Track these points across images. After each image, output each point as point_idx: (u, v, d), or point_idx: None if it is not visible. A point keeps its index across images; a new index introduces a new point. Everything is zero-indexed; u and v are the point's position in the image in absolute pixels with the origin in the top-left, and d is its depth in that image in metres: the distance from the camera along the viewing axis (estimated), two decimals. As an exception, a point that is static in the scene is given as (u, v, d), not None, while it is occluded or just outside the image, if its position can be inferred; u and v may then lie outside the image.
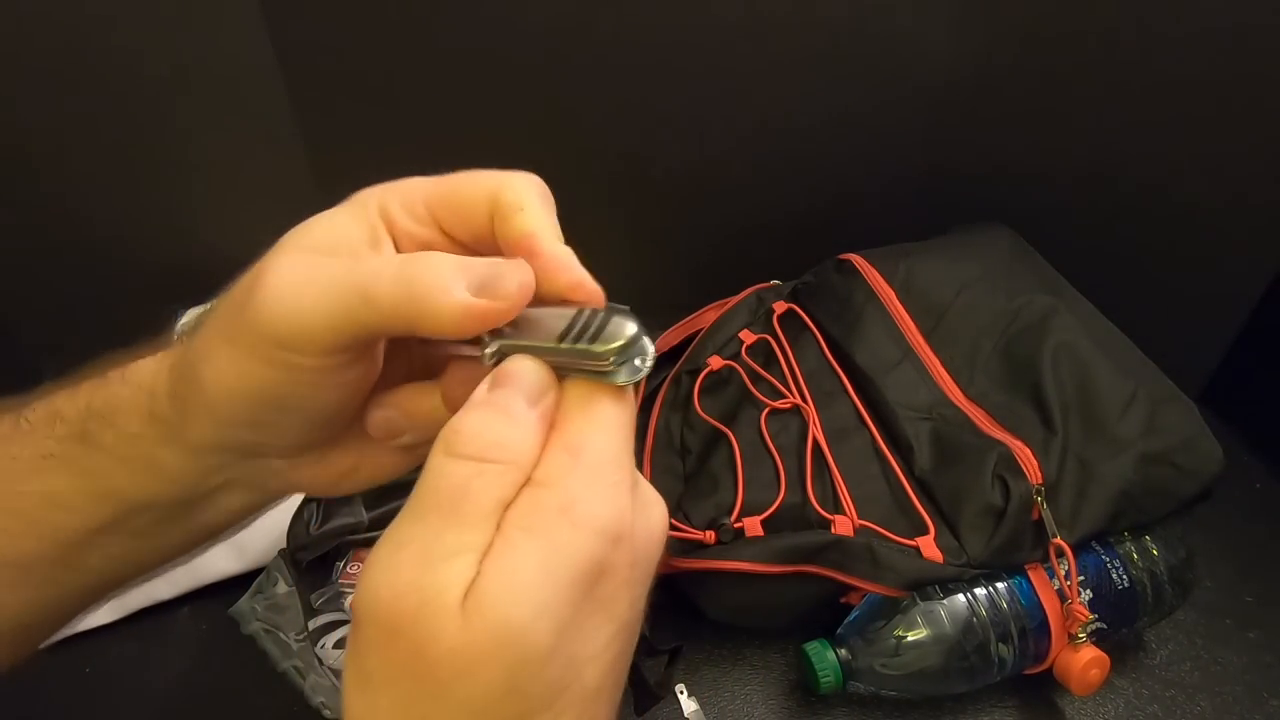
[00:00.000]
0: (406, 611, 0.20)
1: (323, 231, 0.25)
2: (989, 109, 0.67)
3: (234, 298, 0.24)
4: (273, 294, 0.23)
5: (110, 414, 0.27)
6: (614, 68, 0.67)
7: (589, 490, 0.22)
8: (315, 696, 0.48)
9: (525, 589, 0.20)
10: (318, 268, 0.24)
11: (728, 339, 0.61)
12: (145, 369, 0.28)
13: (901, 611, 0.47)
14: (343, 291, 0.23)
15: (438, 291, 0.22)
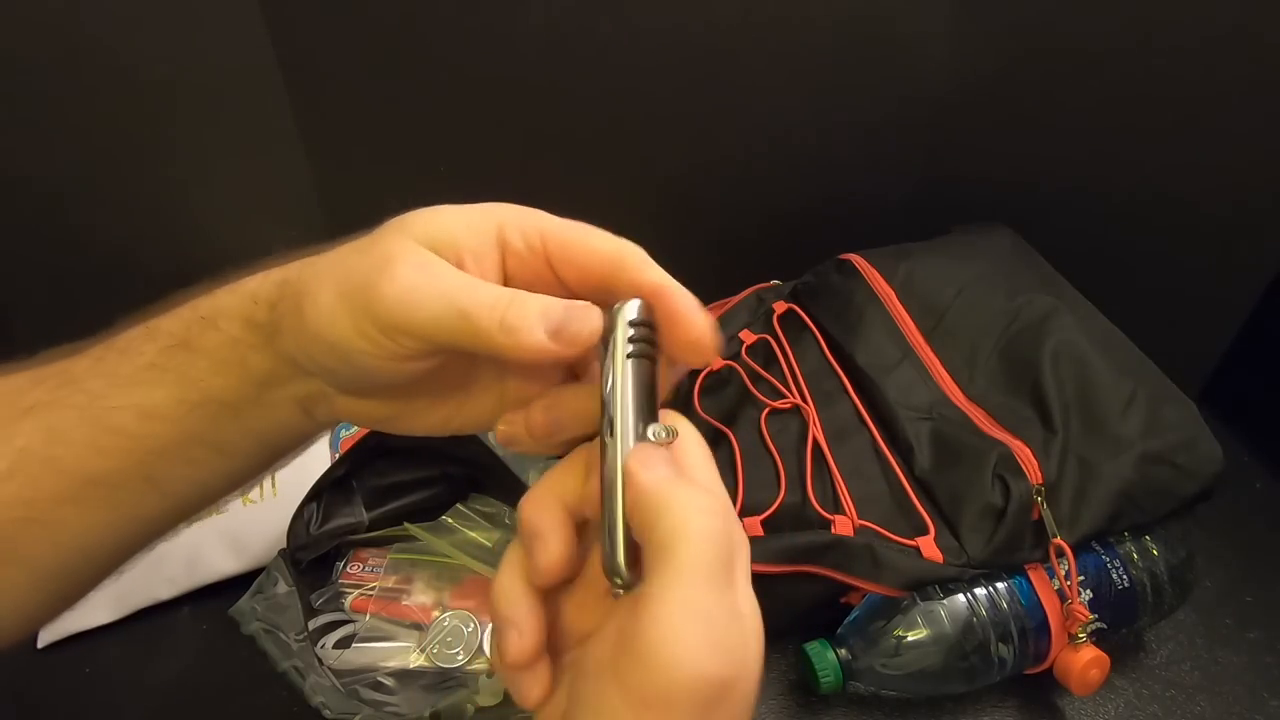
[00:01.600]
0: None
1: (450, 228, 0.28)
2: (989, 109, 0.67)
3: (360, 263, 0.27)
4: (397, 288, 0.25)
5: (215, 317, 0.30)
6: (614, 69, 0.67)
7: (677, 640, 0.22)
8: (315, 696, 0.47)
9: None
10: (440, 278, 0.26)
11: (728, 339, 0.61)
12: (253, 280, 0.30)
13: (901, 611, 0.47)
14: (453, 311, 0.25)
15: (523, 334, 0.25)
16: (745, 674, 0.23)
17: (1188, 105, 0.63)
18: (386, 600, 0.53)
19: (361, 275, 0.26)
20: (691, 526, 0.23)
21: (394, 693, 0.48)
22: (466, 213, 0.29)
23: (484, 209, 0.29)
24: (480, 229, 0.28)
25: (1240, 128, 0.63)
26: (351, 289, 0.26)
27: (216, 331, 0.30)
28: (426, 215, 0.28)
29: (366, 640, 0.51)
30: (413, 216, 0.28)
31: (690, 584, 0.22)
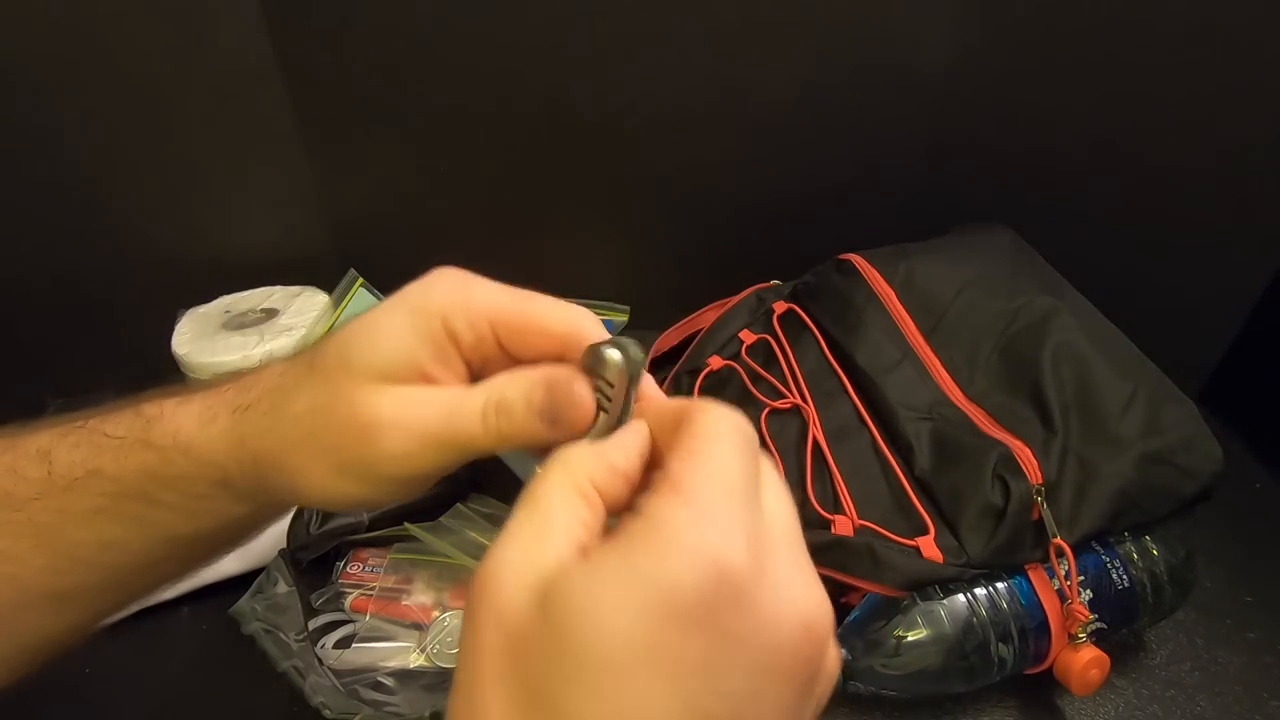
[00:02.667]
0: (484, 578, 0.21)
1: (398, 351, 0.27)
2: (989, 109, 0.67)
3: (339, 435, 0.26)
4: (391, 453, 0.26)
5: (173, 481, 0.29)
6: (613, 68, 0.67)
7: (688, 521, 0.20)
8: (315, 696, 0.47)
9: (590, 604, 0.19)
10: (425, 421, 0.26)
11: (728, 339, 0.61)
12: (205, 445, 0.29)
13: (901, 611, 0.47)
14: (453, 448, 0.26)
15: (525, 437, 0.26)
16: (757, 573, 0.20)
17: (1188, 105, 0.63)
18: (386, 600, 0.53)
19: (349, 450, 0.26)
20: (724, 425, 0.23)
21: (394, 693, 0.48)
22: (404, 321, 0.27)
23: (418, 307, 0.27)
24: (426, 334, 0.27)
25: (1241, 128, 0.63)
26: (344, 463, 0.27)
27: (177, 492, 0.29)
28: (365, 344, 0.27)
29: (366, 640, 0.51)
30: (351, 349, 0.27)
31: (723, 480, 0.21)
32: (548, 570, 0.20)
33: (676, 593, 0.18)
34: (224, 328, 0.65)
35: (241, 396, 0.29)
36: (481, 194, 0.75)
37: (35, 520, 0.29)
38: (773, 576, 0.20)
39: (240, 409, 0.28)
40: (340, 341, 0.27)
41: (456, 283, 0.28)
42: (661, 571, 0.19)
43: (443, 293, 0.27)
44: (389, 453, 0.26)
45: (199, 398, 0.30)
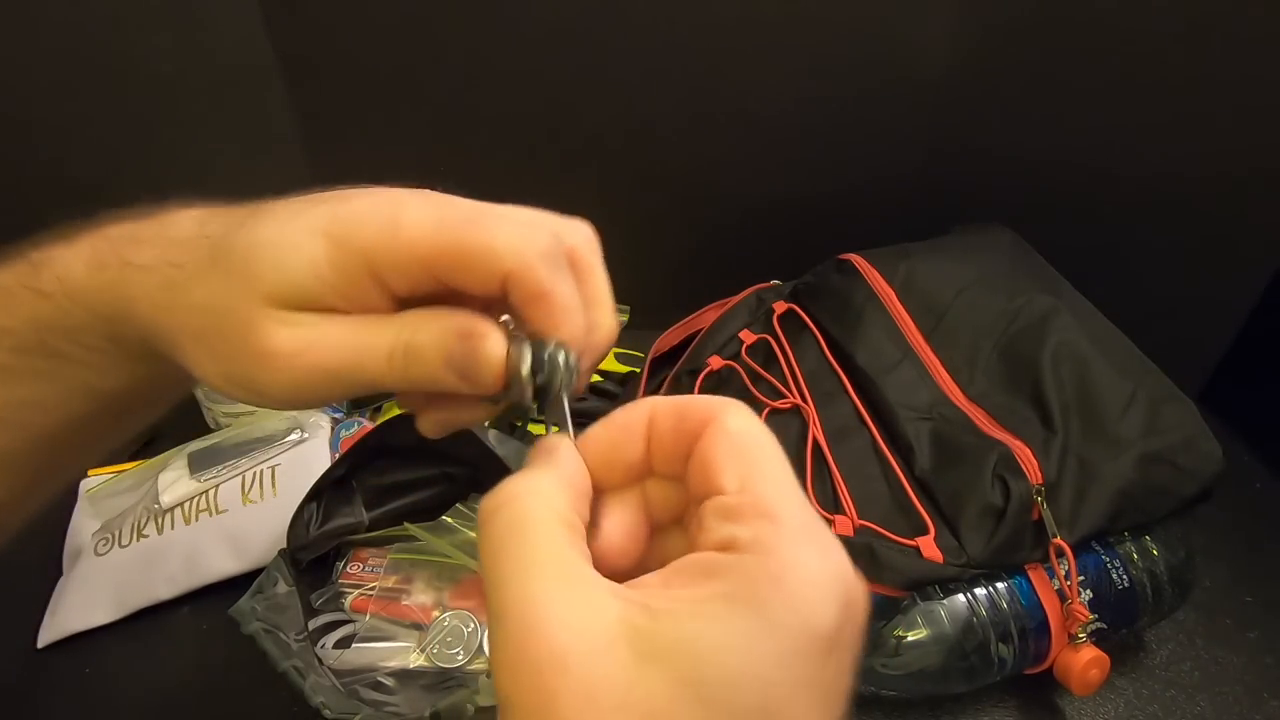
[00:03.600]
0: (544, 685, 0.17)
1: (301, 281, 0.24)
2: (989, 110, 0.67)
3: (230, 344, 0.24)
4: (280, 375, 0.24)
5: (69, 331, 0.27)
6: (612, 68, 0.67)
7: (807, 553, 0.18)
8: (315, 696, 0.47)
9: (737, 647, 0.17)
10: (319, 356, 0.24)
11: (728, 339, 0.61)
12: (94, 293, 0.27)
13: (901, 611, 0.47)
14: (347, 382, 0.24)
15: (431, 383, 0.24)
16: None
17: (1188, 105, 0.63)
18: (386, 600, 0.53)
19: (239, 365, 0.24)
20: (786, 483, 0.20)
21: (394, 693, 0.48)
22: (320, 252, 0.24)
23: (340, 240, 0.24)
24: (344, 272, 0.24)
25: (1241, 127, 0.63)
26: (232, 375, 0.25)
27: (75, 344, 0.27)
28: (272, 262, 0.24)
29: (366, 640, 0.51)
30: (258, 259, 0.24)
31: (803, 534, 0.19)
32: (627, 626, 0.18)
33: (822, 632, 0.18)
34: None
35: (136, 250, 0.27)
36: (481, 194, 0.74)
37: None
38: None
39: (132, 265, 0.26)
40: (248, 244, 0.24)
41: (385, 217, 0.24)
42: (807, 616, 0.18)
43: (369, 230, 0.24)
44: (280, 381, 0.24)
45: (88, 240, 0.28)
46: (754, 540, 0.18)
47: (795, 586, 0.18)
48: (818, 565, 0.18)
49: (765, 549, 0.18)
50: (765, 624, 0.17)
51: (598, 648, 0.17)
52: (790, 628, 0.17)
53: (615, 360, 0.74)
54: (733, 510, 0.19)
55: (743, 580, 0.18)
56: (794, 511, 0.19)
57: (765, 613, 0.17)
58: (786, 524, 0.19)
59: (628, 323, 0.80)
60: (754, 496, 0.19)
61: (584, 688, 0.17)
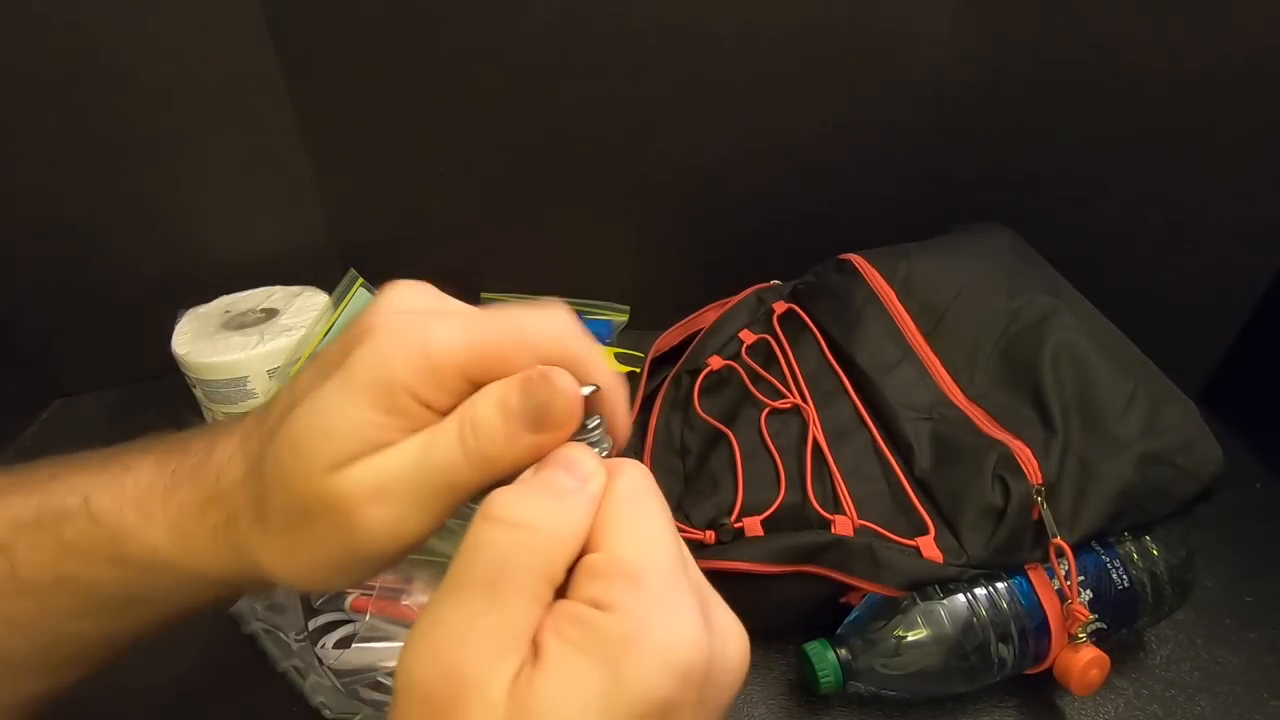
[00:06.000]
0: (447, 696, 0.19)
1: (353, 441, 0.23)
2: (989, 109, 0.67)
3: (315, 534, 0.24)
4: (373, 524, 0.23)
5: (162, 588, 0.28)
6: (613, 69, 0.67)
7: (658, 618, 0.20)
8: (315, 696, 0.47)
9: (577, 712, 0.19)
10: (396, 478, 0.23)
11: (728, 339, 0.61)
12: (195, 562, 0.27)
13: (901, 611, 0.47)
14: (435, 493, 0.23)
15: (514, 453, 0.23)
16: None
17: (1188, 105, 0.63)
18: (386, 600, 0.53)
19: (339, 549, 0.24)
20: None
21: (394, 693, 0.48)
22: (363, 404, 0.23)
23: (377, 383, 0.23)
24: (393, 410, 0.23)
25: (1241, 127, 0.63)
26: (337, 563, 0.24)
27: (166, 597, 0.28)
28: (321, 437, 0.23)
29: (366, 640, 0.51)
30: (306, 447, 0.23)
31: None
32: (510, 674, 0.19)
33: (655, 699, 0.19)
34: (224, 328, 0.65)
35: (213, 512, 0.26)
36: (481, 194, 0.75)
37: (9, 614, 0.28)
38: (719, 623, 0.21)
39: (218, 526, 0.26)
40: (295, 430, 0.24)
41: (412, 342, 0.23)
42: (639, 680, 0.19)
43: (401, 361, 0.23)
44: (377, 531, 0.23)
45: (160, 509, 0.27)
46: (615, 602, 0.20)
47: (644, 649, 0.19)
48: (664, 634, 0.19)
49: (623, 610, 0.20)
50: (613, 682, 0.19)
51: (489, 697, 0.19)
52: (633, 687, 0.19)
53: (615, 360, 0.74)
54: (599, 570, 0.21)
55: (600, 639, 0.19)
56: (657, 575, 0.20)
57: (616, 670, 0.19)
58: (647, 587, 0.20)
59: (628, 323, 0.80)
60: (619, 559, 0.21)
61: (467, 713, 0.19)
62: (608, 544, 0.21)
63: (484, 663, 0.19)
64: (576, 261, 0.79)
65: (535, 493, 0.22)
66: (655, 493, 0.23)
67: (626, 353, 0.75)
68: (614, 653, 0.19)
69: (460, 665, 0.19)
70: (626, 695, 0.19)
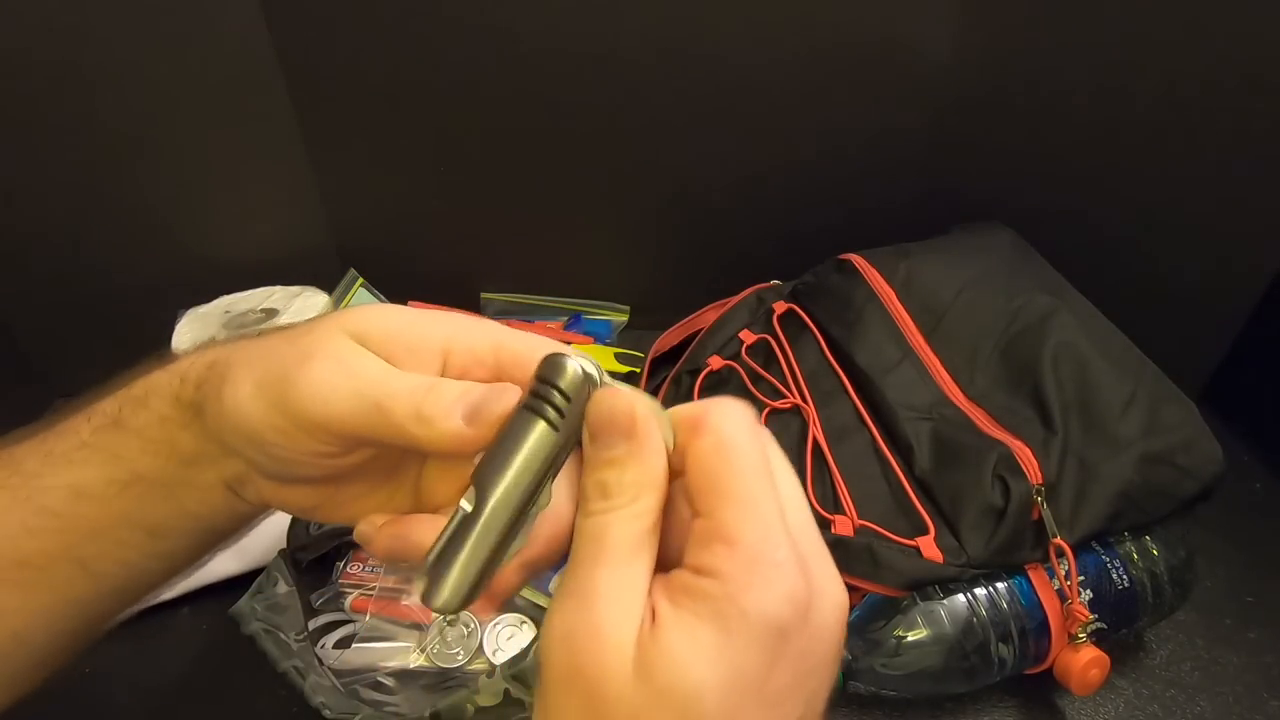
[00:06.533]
0: (579, 650, 0.21)
1: (387, 324, 0.27)
2: (989, 109, 0.67)
3: (283, 353, 0.26)
4: (310, 382, 0.25)
5: (145, 396, 0.29)
6: (613, 70, 0.67)
7: (760, 574, 0.21)
8: (315, 696, 0.47)
9: (699, 660, 0.20)
10: (357, 372, 0.25)
11: (728, 339, 0.61)
12: (186, 358, 0.29)
13: (901, 611, 0.47)
14: (366, 405, 0.25)
15: (439, 422, 0.24)
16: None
17: (1187, 105, 0.63)
18: (386, 600, 0.53)
19: (280, 367, 0.26)
20: None
21: (394, 693, 0.48)
22: (415, 315, 0.27)
23: (437, 317, 0.28)
24: (424, 332, 0.27)
25: (1240, 127, 0.63)
26: (269, 380, 0.26)
27: (147, 410, 0.29)
28: (369, 310, 0.27)
29: (366, 640, 0.51)
30: (354, 310, 0.27)
31: None
32: (634, 634, 0.21)
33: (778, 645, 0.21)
34: (224, 328, 0.65)
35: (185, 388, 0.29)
36: (481, 194, 0.75)
37: (22, 469, 0.30)
38: (818, 584, 0.22)
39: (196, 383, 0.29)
40: (353, 308, 0.28)
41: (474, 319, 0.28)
42: (742, 634, 0.21)
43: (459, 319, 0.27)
44: (312, 380, 0.25)
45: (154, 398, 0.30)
46: (716, 567, 0.21)
47: (745, 608, 0.21)
48: (761, 593, 0.21)
49: (722, 575, 0.21)
50: (723, 635, 0.21)
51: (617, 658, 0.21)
52: (738, 641, 0.21)
53: (615, 360, 0.74)
54: (700, 537, 0.22)
55: (706, 601, 0.21)
56: (753, 536, 0.22)
57: (723, 625, 0.21)
58: (742, 551, 0.21)
59: (628, 323, 0.80)
60: (717, 524, 0.22)
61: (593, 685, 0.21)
62: (705, 506, 0.22)
63: (611, 615, 0.21)
64: (576, 261, 0.79)
65: (606, 474, 0.23)
66: (750, 436, 0.23)
67: (626, 353, 0.75)
68: (719, 609, 0.21)
69: (586, 617, 0.21)
70: (734, 645, 0.21)
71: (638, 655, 0.21)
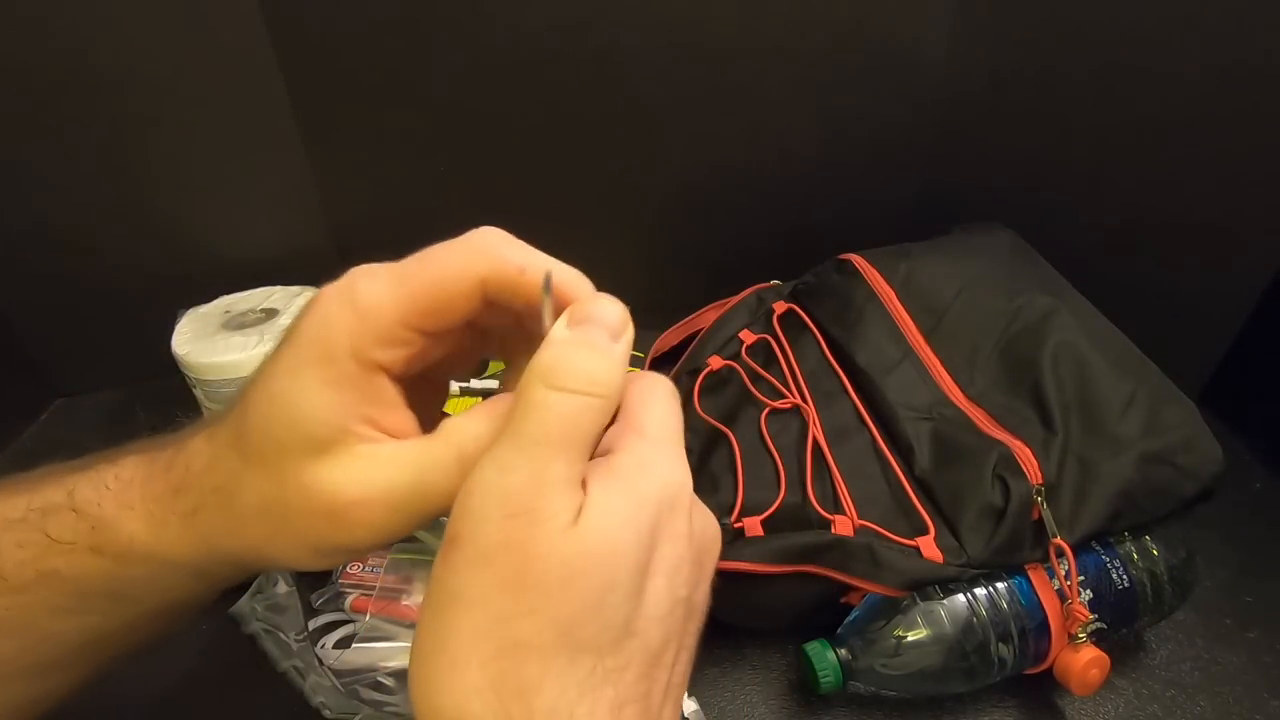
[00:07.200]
0: (519, 530, 0.22)
1: (316, 421, 0.24)
2: (990, 109, 0.67)
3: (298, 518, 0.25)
4: (360, 525, 0.25)
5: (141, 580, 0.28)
6: (613, 69, 0.67)
7: (657, 454, 0.24)
8: (315, 696, 0.48)
9: (619, 520, 0.23)
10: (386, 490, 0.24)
11: (728, 339, 0.61)
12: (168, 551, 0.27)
13: (901, 611, 0.47)
14: (422, 508, 0.25)
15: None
16: None
17: (1187, 106, 0.63)
18: (386, 600, 0.53)
19: (321, 536, 0.25)
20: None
21: (394, 693, 0.48)
22: (314, 381, 0.24)
23: (322, 358, 0.24)
24: (345, 384, 0.24)
25: (1240, 128, 0.63)
26: (319, 547, 0.25)
27: (147, 589, 0.28)
28: (285, 420, 0.24)
29: (366, 640, 0.51)
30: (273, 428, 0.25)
31: None
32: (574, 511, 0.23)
33: (669, 512, 0.24)
34: (224, 328, 0.65)
35: (183, 499, 0.27)
36: (481, 194, 0.75)
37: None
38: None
39: (189, 513, 0.27)
40: (259, 419, 0.25)
41: (341, 305, 0.25)
42: (652, 493, 0.24)
43: (335, 326, 0.24)
44: (362, 530, 0.25)
45: (138, 499, 0.27)
46: (630, 447, 0.25)
47: (649, 473, 0.24)
48: (663, 465, 0.25)
49: (632, 450, 0.24)
50: (634, 498, 0.23)
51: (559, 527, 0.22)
52: (646, 499, 0.23)
53: (615, 360, 0.74)
54: (616, 432, 0.25)
55: (620, 471, 0.24)
56: (660, 433, 0.25)
57: (635, 489, 0.24)
58: (648, 438, 0.25)
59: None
60: (631, 420, 0.25)
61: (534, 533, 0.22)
62: (622, 413, 0.25)
63: (556, 502, 0.22)
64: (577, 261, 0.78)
65: (589, 357, 0.24)
66: (669, 389, 0.27)
67: (626, 353, 0.75)
68: (632, 477, 0.24)
69: (533, 504, 0.22)
70: (646, 509, 0.23)
71: (572, 532, 0.22)
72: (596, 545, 0.22)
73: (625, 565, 0.22)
